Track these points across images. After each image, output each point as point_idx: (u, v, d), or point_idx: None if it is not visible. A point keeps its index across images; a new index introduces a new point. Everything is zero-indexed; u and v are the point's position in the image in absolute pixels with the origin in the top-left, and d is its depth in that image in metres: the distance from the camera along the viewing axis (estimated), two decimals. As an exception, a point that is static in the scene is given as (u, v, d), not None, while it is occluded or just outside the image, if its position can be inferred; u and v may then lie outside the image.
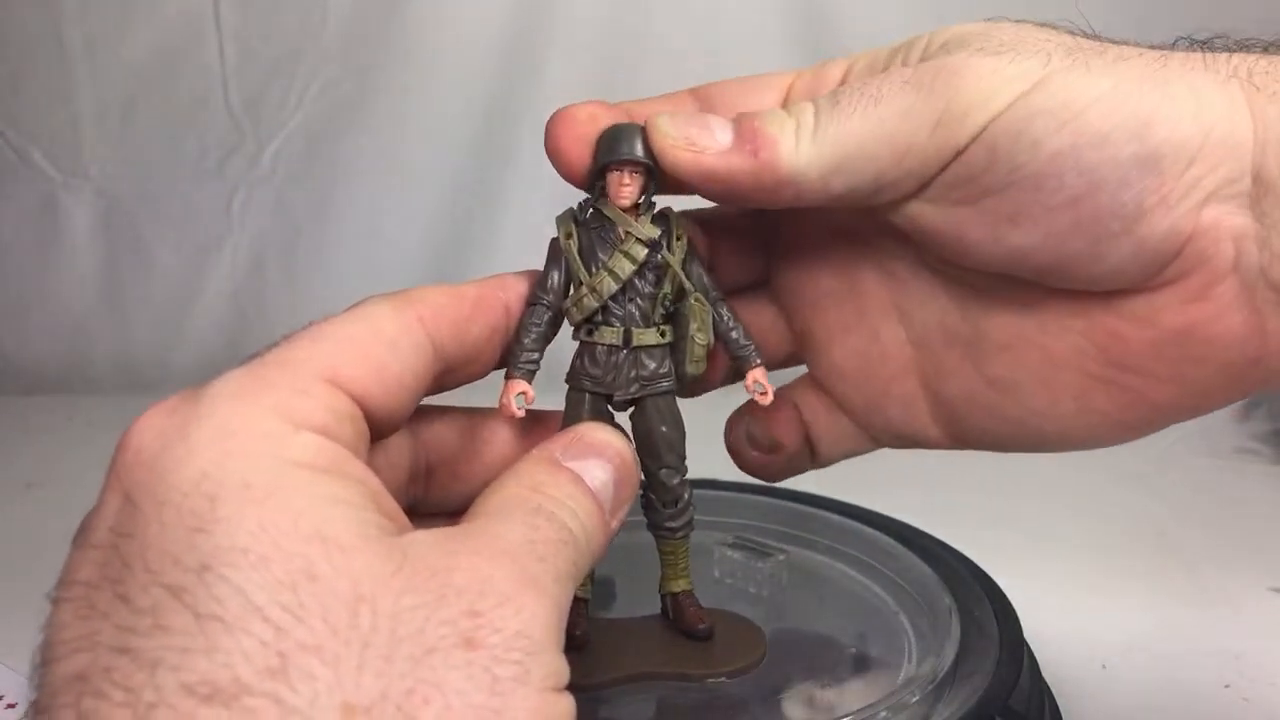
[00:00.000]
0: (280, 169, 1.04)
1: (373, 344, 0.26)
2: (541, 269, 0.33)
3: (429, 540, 0.22)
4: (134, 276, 1.05)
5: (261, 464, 0.21)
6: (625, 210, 0.32)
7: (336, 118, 1.03)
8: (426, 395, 0.29)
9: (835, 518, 0.47)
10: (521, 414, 0.31)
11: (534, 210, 0.98)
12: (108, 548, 0.21)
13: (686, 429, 0.34)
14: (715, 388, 0.36)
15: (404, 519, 0.24)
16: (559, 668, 0.21)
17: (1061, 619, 0.45)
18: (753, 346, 0.34)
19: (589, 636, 0.35)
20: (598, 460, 0.28)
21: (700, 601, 0.36)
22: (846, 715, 0.31)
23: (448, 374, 0.30)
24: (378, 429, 0.26)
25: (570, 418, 0.33)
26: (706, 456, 0.35)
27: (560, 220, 0.33)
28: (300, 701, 0.18)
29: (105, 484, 0.22)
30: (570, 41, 1.00)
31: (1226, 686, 0.45)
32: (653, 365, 0.33)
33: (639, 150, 0.31)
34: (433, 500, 0.32)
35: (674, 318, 0.33)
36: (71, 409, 0.93)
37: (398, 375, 0.26)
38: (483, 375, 0.32)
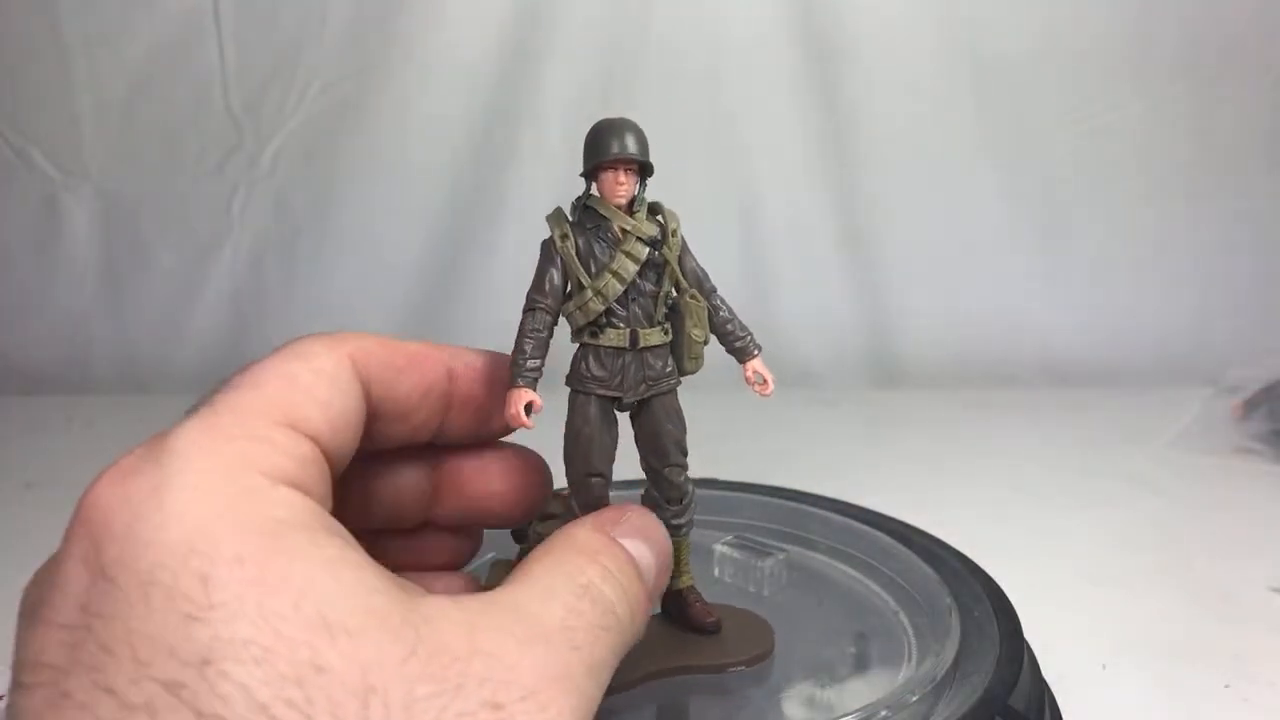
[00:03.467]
0: (280, 169, 1.04)
1: (315, 382, 0.25)
2: (534, 273, 0.32)
3: (448, 615, 0.21)
4: (134, 276, 1.06)
5: (249, 533, 0.20)
6: (619, 208, 0.32)
7: (336, 118, 1.03)
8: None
9: (835, 518, 0.47)
10: (532, 424, 0.30)
11: (534, 211, 0.97)
12: (79, 628, 0.19)
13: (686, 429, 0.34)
14: None
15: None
16: None
17: (1061, 619, 0.45)
18: (749, 337, 0.33)
19: None
20: (645, 543, 0.27)
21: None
22: (846, 715, 0.31)
23: (376, 423, 0.28)
24: (331, 467, 0.25)
25: (577, 422, 0.32)
26: (708, 456, 0.35)
27: (554, 220, 0.32)
28: None
29: (65, 551, 0.20)
30: (570, 41, 1.00)
31: (1226, 686, 0.45)
32: (659, 365, 0.33)
33: (631, 147, 0.31)
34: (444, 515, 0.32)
35: (670, 313, 0.33)
36: (71, 409, 0.93)
37: (342, 411, 0.25)
38: (419, 440, 0.30)
